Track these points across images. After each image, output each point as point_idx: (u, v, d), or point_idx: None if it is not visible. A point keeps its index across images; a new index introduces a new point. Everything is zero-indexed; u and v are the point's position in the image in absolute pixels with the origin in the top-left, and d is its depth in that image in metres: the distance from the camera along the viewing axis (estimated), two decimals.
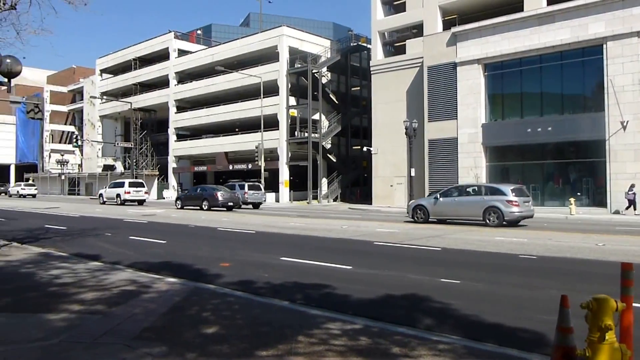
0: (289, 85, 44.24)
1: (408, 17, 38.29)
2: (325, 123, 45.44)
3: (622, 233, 16.89)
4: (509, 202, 18.85)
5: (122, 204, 38.50)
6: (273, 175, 45.13)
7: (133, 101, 55.10)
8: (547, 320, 5.74)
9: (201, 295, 7.09)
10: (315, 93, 43.16)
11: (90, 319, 5.80)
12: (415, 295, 7.49)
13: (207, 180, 53.83)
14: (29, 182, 64.26)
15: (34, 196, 56.21)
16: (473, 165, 31.55)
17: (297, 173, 45.57)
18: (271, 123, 43.71)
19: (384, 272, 9.57)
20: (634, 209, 25.10)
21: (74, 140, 64.01)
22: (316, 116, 43.63)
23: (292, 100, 44.70)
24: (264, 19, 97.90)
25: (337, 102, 47.01)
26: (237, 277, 8.73)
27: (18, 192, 56.60)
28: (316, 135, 43.22)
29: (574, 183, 29.59)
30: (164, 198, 51.80)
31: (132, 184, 39.94)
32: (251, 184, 36.88)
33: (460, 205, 20.12)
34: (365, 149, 41.51)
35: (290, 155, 44.50)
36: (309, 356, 4.58)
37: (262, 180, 41.22)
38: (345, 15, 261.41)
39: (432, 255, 11.70)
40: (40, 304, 6.56)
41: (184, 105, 54.49)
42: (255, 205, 35.73)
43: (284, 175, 44.31)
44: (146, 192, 40.65)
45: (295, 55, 44.83)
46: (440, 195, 20.93)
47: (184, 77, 54.47)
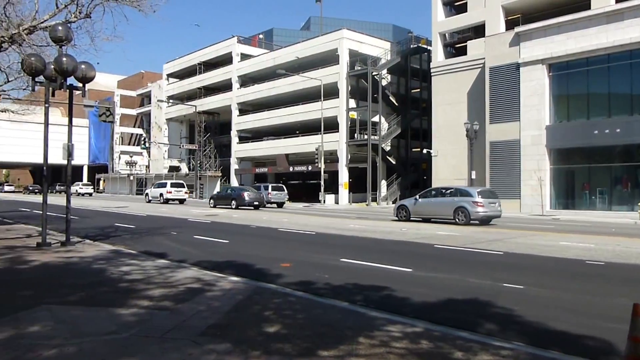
0: (349, 88, 44.31)
1: (469, 17, 37.67)
2: (384, 125, 45.29)
3: None
4: (475, 202, 20.65)
5: (165, 202, 41.81)
6: (333, 177, 45.39)
7: (197, 104, 56.97)
8: (615, 329, 5.54)
9: (263, 295, 7.24)
10: (375, 95, 43.07)
11: (158, 315, 6.04)
12: (476, 299, 7.38)
13: (267, 181, 54.66)
14: (85, 182, 73.33)
15: (90, 195, 64.24)
16: (536, 168, 30.60)
17: (356, 175, 45.57)
18: (331, 125, 43.95)
19: (444, 275, 9.45)
20: None
21: (142, 142, 66.77)
22: (376, 118, 43.54)
23: (352, 103, 44.75)
24: (324, 22, 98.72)
25: (396, 104, 46.74)
26: (298, 278, 8.85)
27: (77, 190, 62.40)
28: (376, 137, 43.11)
29: None
30: None
31: (173, 185, 43.76)
32: (274, 185, 40.93)
33: (435, 206, 22.11)
34: (425, 151, 41.05)
35: (349, 157, 44.56)
36: (370, 358, 4.61)
37: (322, 182, 41.70)
38: (404, 17, 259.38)
39: (495, 259, 11.46)
40: (112, 298, 6.87)
41: (246, 108, 55.60)
42: (279, 205, 39.19)
43: (344, 177, 44.43)
44: (186, 192, 43.95)
45: (355, 57, 44.87)
46: (419, 197, 22.84)
47: (246, 80, 55.58)
